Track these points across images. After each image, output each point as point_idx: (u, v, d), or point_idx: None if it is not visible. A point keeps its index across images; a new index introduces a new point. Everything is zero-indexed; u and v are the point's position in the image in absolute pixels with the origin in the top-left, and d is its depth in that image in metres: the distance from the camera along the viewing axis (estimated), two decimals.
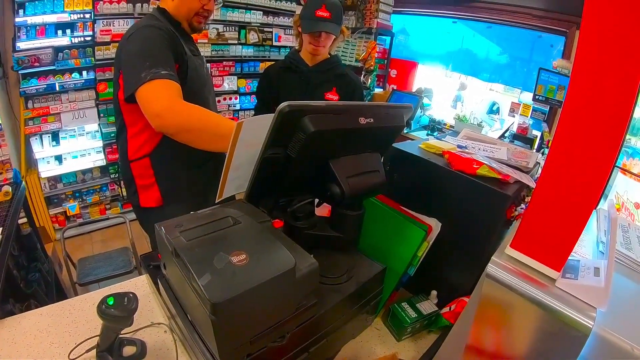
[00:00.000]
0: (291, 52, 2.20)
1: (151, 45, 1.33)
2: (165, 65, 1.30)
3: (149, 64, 1.27)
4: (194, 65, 1.51)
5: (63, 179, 3.74)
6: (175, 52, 1.38)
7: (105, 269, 2.53)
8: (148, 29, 1.36)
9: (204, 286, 0.65)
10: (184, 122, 1.25)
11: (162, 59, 1.31)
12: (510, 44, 4.15)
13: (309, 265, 0.76)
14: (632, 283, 0.80)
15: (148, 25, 1.37)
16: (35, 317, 1.07)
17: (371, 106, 0.91)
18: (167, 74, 1.27)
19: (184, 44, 1.48)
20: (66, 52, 3.43)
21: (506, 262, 0.74)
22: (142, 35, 1.35)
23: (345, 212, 0.96)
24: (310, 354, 0.91)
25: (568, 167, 0.66)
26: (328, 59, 2.12)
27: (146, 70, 1.26)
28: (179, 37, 1.46)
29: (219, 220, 0.83)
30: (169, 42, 1.37)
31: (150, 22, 1.42)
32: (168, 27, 1.43)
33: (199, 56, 1.65)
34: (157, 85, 1.26)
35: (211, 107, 1.64)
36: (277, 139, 0.78)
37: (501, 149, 1.31)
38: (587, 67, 0.60)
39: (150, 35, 1.35)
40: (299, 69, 2.10)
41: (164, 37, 1.36)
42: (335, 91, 2.12)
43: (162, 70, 1.27)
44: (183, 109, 1.25)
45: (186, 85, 1.38)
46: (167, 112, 1.24)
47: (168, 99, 1.25)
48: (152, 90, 1.26)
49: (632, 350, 0.61)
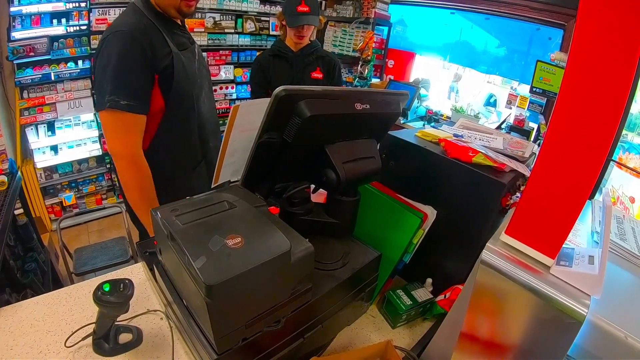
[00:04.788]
0: (277, 40, 2.56)
1: (117, 65, 1.25)
2: (127, 91, 1.26)
3: (111, 88, 1.24)
4: (181, 63, 1.41)
5: (59, 169, 3.72)
6: (152, 62, 1.31)
7: (102, 259, 2.54)
8: (122, 37, 1.26)
9: (199, 269, 0.65)
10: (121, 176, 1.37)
11: (124, 84, 1.26)
12: (509, 36, 4.13)
13: (304, 249, 0.76)
14: (626, 273, 0.81)
15: (124, 33, 1.27)
16: (32, 306, 1.07)
17: (368, 92, 0.91)
18: (126, 105, 1.25)
19: (170, 39, 1.40)
20: (61, 41, 3.40)
21: (501, 249, 0.75)
22: (111, 48, 1.26)
23: (341, 199, 0.96)
24: (305, 340, 0.92)
25: (563, 154, 0.66)
26: (309, 44, 2.49)
27: (107, 95, 1.24)
28: (162, 32, 1.38)
29: (214, 204, 0.83)
30: (146, 55, 1.29)
31: (126, 21, 1.33)
32: (147, 23, 1.34)
33: (189, 48, 1.53)
34: (112, 118, 1.27)
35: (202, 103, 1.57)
36: (272, 123, 0.78)
37: (497, 139, 1.31)
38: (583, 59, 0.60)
39: (120, 48, 1.26)
40: (287, 55, 2.45)
41: (142, 49, 1.28)
42: (319, 70, 2.52)
43: (122, 100, 1.24)
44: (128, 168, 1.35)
45: (172, 89, 1.39)
46: (114, 157, 1.34)
47: (119, 144, 1.31)
48: (108, 122, 1.29)
49: (625, 338, 0.61)
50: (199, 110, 1.55)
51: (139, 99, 1.29)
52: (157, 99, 1.38)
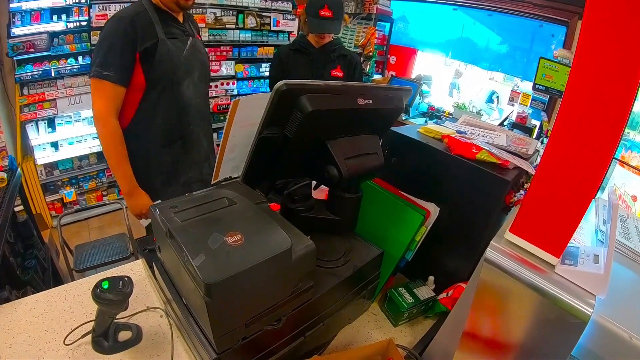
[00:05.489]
0: (299, 36, 2.53)
1: (106, 40, 1.49)
2: (110, 64, 1.47)
3: (99, 60, 1.48)
4: (167, 49, 1.58)
5: (59, 166, 3.70)
6: (134, 41, 1.50)
7: (102, 255, 2.52)
8: (115, 20, 1.51)
9: (198, 267, 0.63)
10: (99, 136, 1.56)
11: (109, 57, 1.47)
12: (511, 33, 4.09)
13: (305, 247, 0.75)
14: (631, 272, 0.79)
15: (117, 17, 1.52)
16: (31, 303, 1.06)
17: (370, 87, 0.90)
18: (107, 75, 1.47)
19: (163, 28, 1.58)
20: (62, 37, 3.37)
21: (505, 247, 0.74)
22: (107, 27, 1.51)
23: (343, 195, 0.95)
24: (306, 338, 0.91)
25: (569, 152, 0.65)
26: (331, 42, 2.42)
27: (94, 66, 1.48)
28: (157, 21, 1.56)
29: (214, 201, 0.82)
30: (128, 35, 1.48)
31: (124, 9, 1.57)
32: (141, 12, 1.54)
33: (181, 39, 1.67)
34: (96, 86, 1.50)
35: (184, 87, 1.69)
36: (274, 118, 0.76)
37: (501, 136, 1.29)
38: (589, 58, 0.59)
39: (110, 29, 1.50)
40: (308, 51, 2.40)
41: (126, 30, 1.48)
42: (340, 68, 2.45)
43: (104, 70, 1.47)
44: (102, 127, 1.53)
45: (152, 69, 1.56)
46: (94, 117, 1.54)
47: (97, 106, 1.52)
48: (93, 88, 1.51)
49: (630, 339, 0.60)
50: (180, 93, 1.68)
51: (118, 71, 1.49)
52: (138, 76, 1.56)
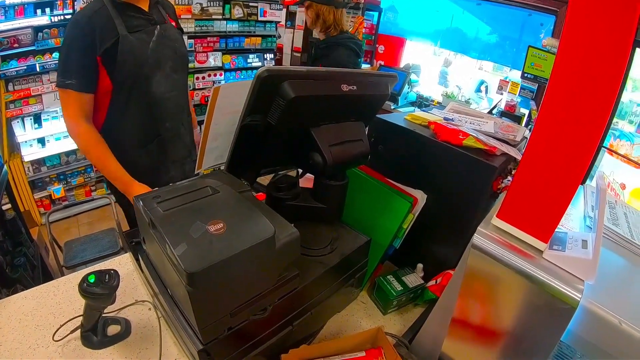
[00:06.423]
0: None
1: (64, 49, 1.46)
2: (71, 72, 1.43)
3: (60, 68, 1.45)
4: (128, 45, 1.49)
5: (47, 162, 3.66)
6: (92, 45, 1.43)
7: (92, 251, 2.52)
8: (72, 24, 1.45)
9: (180, 256, 0.63)
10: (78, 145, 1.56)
11: (69, 65, 1.43)
12: (500, 22, 4.09)
13: (289, 235, 0.74)
14: (620, 258, 0.80)
15: (74, 20, 1.46)
16: (20, 300, 1.05)
17: (354, 73, 0.88)
18: (70, 84, 1.43)
19: (123, 21, 1.50)
20: (46, 31, 3.32)
21: (492, 233, 0.73)
22: (66, 31, 1.46)
23: (328, 182, 0.94)
24: (294, 328, 0.90)
25: (555, 137, 0.64)
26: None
27: (58, 75, 1.45)
28: (115, 16, 1.48)
29: (197, 190, 0.80)
30: (86, 38, 1.42)
31: (82, 9, 1.50)
32: (99, 8, 1.45)
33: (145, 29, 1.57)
34: (61, 95, 1.47)
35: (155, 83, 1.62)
36: (256, 105, 0.75)
37: (488, 123, 1.29)
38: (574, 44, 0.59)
39: (69, 34, 1.45)
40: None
41: (83, 33, 1.42)
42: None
43: (66, 79, 1.43)
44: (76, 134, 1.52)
45: (116, 69, 1.49)
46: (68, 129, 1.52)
47: (66, 114, 1.50)
48: (60, 98, 1.49)
49: (619, 324, 0.61)
50: (151, 90, 1.61)
51: (79, 79, 1.45)
52: (104, 79, 1.50)
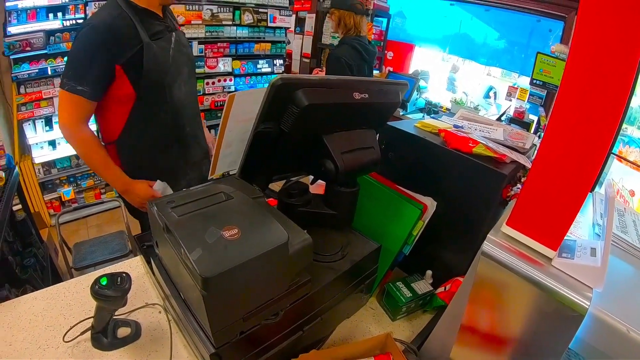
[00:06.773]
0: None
1: (82, 54, 1.39)
2: (85, 79, 1.38)
3: (72, 73, 1.39)
4: (152, 53, 1.48)
5: (57, 164, 3.69)
6: (114, 53, 1.40)
7: (101, 253, 2.53)
8: (91, 29, 1.38)
9: (195, 261, 0.64)
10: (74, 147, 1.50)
11: (84, 71, 1.38)
12: (508, 28, 4.09)
13: (302, 241, 0.75)
14: (629, 266, 0.79)
15: (92, 25, 1.39)
16: (30, 301, 1.06)
17: (366, 82, 0.89)
18: (82, 91, 1.38)
19: (143, 29, 1.46)
20: (58, 35, 3.35)
21: (502, 240, 0.74)
22: (82, 37, 1.39)
23: (340, 189, 0.95)
24: (304, 333, 0.91)
25: (565, 145, 0.64)
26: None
27: (67, 78, 1.39)
28: (135, 22, 1.44)
29: (211, 196, 0.81)
30: (108, 46, 1.38)
31: (99, 14, 1.45)
32: (120, 14, 1.42)
33: (164, 37, 1.56)
34: (67, 98, 1.40)
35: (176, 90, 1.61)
36: (269, 113, 0.76)
37: (498, 130, 1.29)
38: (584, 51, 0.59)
39: (86, 39, 1.38)
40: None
41: (105, 40, 1.37)
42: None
43: (79, 85, 1.38)
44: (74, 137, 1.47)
45: (142, 78, 1.47)
46: (63, 128, 1.46)
47: (68, 118, 1.44)
48: (63, 99, 1.42)
49: (627, 332, 0.60)
50: (173, 97, 1.61)
51: (93, 87, 1.40)
52: (125, 87, 1.47)
